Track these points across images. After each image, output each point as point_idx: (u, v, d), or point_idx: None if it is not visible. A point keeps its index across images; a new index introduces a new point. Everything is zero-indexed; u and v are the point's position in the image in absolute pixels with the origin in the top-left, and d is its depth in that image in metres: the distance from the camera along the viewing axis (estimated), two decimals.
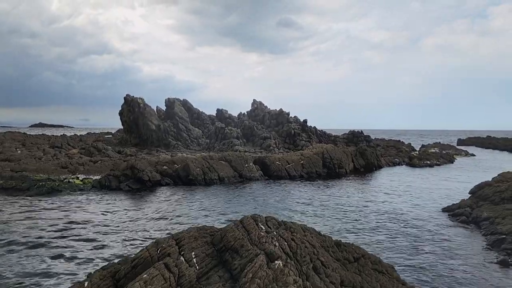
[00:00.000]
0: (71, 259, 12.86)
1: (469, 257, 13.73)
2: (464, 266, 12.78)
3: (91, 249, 13.88)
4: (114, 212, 19.82)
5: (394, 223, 18.50)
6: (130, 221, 18.12)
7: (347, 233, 16.71)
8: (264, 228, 9.42)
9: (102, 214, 19.41)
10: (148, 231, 16.48)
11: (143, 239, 15.20)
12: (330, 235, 10.80)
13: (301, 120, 69.46)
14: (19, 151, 44.18)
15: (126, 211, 20.26)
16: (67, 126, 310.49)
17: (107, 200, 23.12)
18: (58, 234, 15.65)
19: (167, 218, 18.82)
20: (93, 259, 12.87)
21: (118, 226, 17.08)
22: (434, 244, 15.13)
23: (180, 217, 19.11)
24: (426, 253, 14.10)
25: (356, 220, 19.09)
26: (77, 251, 13.60)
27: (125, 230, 16.45)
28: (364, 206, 22.41)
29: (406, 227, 17.68)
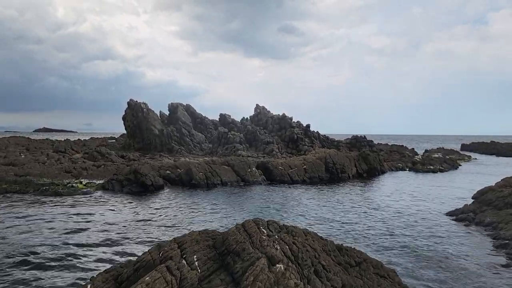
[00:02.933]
0: (73, 262, 12.91)
1: (472, 262, 13.69)
2: (467, 271, 12.74)
3: (93, 252, 13.93)
4: (117, 216, 19.89)
5: (396, 227, 18.47)
6: (133, 224, 18.17)
7: (349, 237, 16.69)
8: (265, 232, 9.45)
9: (105, 218, 19.48)
10: (151, 234, 16.53)
11: (146, 242, 15.25)
12: (331, 239, 10.81)
13: (304, 125, 69.51)
14: (23, 156, 44.43)
15: (128, 215, 20.33)
16: (70, 131, 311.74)
17: (110, 204, 23.20)
18: (61, 237, 15.72)
19: (169, 222, 18.87)
20: (96, 262, 12.92)
21: (121, 230, 17.13)
22: (437, 249, 15.09)
23: (182, 221, 19.15)
24: (429, 258, 14.06)
25: (358, 224, 19.07)
26: (79, 254, 13.66)
27: (128, 234, 16.50)
28: (366, 211, 22.38)
29: (409, 232, 17.64)
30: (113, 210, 21.55)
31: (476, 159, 66.01)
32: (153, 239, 15.79)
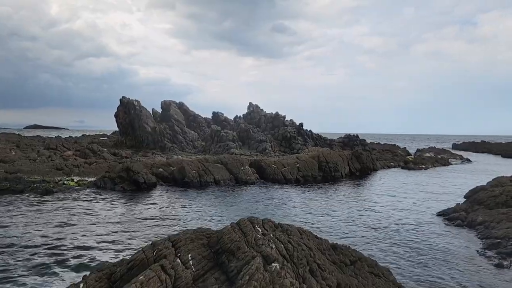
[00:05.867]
0: (65, 260, 12.77)
1: (464, 261, 13.78)
2: (459, 270, 12.82)
3: (86, 251, 13.78)
4: (109, 214, 19.72)
5: (389, 226, 18.54)
6: (126, 223, 18.03)
7: (343, 236, 16.72)
8: (260, 230, 9.40)
9: (97, 216, 19.30)
10: (144, 233, 16.41)
11: (139, 241, 15.13)
12: (326, 238, 10.80)
13: (297, 124, 69.60)
14: (13, 153, 43.86)
15: (121, 213, 20.17)
16: (62, 128, 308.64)
17: (102, 202, 23.00)
18: (52, 235, 15.53)
19: (163, 220, 18.75)
20: (88, 261, 12.78)
21: (113, 228, 16.99)
22: (429, 248, 15.17)
23: (176, 220, 19.04)
24: (421, 256, 14.14)
25: (352, 223, 19.12)
26: (71, 253, 13.50)
27: (121, 232, 16.36)
28: (360, 210, 22.45)
29: (401, 231, 17.72)
30: (105, 208, 21.36)
31: (467, 158, 66.57)
32: (147, 237, 15.67)
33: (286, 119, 71.24)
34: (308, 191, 29.77)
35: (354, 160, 43.33)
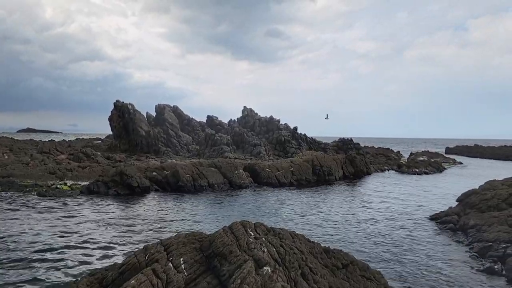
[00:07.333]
0: (57, 265, 12.69)
1: (456, 264, 13.87)
2: (450, 274, 12.91)
3: (78, 255, 13.71)
4: (102, 218, 19.62)
5: (381, 230, 18.62)
6: (118, 226, 17.96)
7: (336, 239, 16.77)
8: (253, 234, 9.43)
9: (89, 220, 19.21)
10: (136, 237, 16.35)
11: (131, 245, 15.07)
12: (318, 242, 10.84)
13: (291, 127, 69.76)
14: (6, 156, 43.58)
15: (114, 217, 20.08)
16: (55, 132, 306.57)
17: (95, 206, 22.89)
18: (44, 240, 15.44)
19: (155, 224, 18.70)
20: (80, 265, 12.71)
21: (106, 232, 16.92)
22: (421, 252, 15.26)
23: (169, 223, 19.00)
24: (413, 260, 14.21)
25: (344, 226, 19.18)
26: (63, 257, 13.42)
27: (113, 236, 16.30)
28: (352, 214, 22.53)
29: (393, 234, 17.81)
30: (98, 212, 21.26)
31: (460, 162, 67.07)
32: (139, 241, 15.62)
33: (280, 123, 71.41)
34: (302, 194, 29.83)
35: (348, 164, 43.50)
